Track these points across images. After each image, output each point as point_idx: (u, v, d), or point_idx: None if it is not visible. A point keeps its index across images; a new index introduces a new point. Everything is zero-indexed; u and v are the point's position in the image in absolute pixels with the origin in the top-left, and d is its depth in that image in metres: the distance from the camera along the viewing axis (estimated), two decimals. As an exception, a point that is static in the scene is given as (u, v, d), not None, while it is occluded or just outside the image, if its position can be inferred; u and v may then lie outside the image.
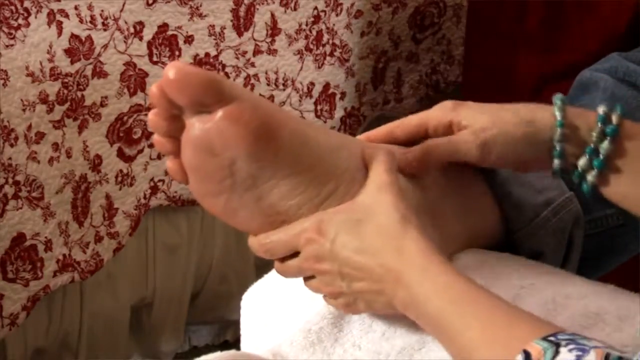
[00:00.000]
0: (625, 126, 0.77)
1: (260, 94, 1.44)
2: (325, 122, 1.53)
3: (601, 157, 0.76)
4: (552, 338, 0.60)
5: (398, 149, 0.80)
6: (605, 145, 0.76)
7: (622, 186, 0.77)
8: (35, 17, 1.21)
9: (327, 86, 1.52)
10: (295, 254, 0.76)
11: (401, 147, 0.81)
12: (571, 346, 0.59)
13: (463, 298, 0.67)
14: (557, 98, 0.78)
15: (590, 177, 0.77)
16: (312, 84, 1.50)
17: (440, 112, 0.81)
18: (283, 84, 1.47)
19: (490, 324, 0.65)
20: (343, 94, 1.55)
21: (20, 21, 1.20)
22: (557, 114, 0.77)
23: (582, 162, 0.78)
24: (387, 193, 0.73)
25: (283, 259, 0.77)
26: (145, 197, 1.40)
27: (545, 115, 0.78)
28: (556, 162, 0.78)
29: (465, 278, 0.69)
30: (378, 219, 0.72)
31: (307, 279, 0.77)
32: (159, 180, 1.41)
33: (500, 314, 0.65)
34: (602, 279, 0.84)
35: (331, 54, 1.51)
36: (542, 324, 0.64)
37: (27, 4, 1.20)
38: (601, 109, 0.77)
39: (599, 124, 0.76)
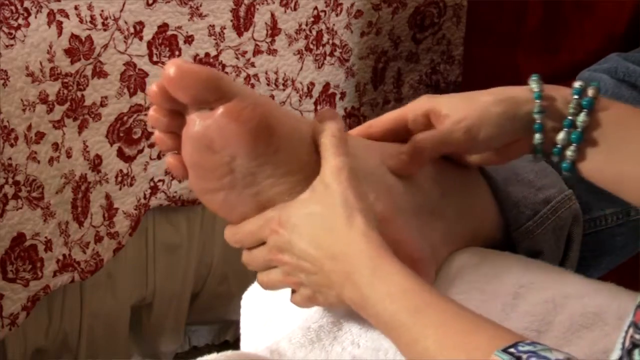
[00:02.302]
0: (601, 101, 0.77)
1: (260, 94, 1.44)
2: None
3: (578, 129, 0.76)
4: (512, 350, 0.59)
5: (390, 150, 0.80)
6: (581, 117, 0.76)
7: (599, 160, 0.77)
8: (35, 17, 1.21)
9: (327, 86, 1.52)
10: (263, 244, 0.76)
11: (394, 145, 0.81)
12: (533, 359, 0.59)
13: (418, 303, 0.66)
14: (534, 75, 0.79)
15: (569, 152, 0.77)
16: (312, 84, 1.50)
17: (417, 104, 0.81)
18: (283, 84, 1.47)
19: (447, 332, 0.64)
20: (343, 94, 1.55)
21: (20, 21, 1.20)
22: (535, 87, 0.78)
23: (560, 136, 0.77)
24: (337, 182, 0.72)
25: (250, 249, 0.77)
26: (145, 197, 1.40)
27: (522, 91, 0.78)
28: (537, 136, 0.78)
29: (419, 280, 0.67)
30: (327, 212, 0.71)
31: (265, 273, 0.77)
32: (159, 180, 1.41)
33: (457, 321, 0.64)
34: (602, 278, 0.84)
35: (331, 54, 1.51)
36: (501, 332, 0.63)
37: (27, 4, 1.20)
38: (577, 83, 0.77)
39: (575, 96, 0.77)
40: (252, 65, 1.43)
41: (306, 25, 1.46)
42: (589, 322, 0.76)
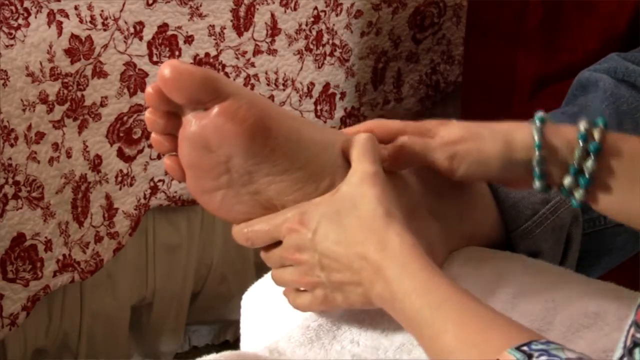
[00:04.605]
0: (608, 140, 0.74)
1: (260, 94, 1.44)
2: (325, 122, 1.54)
3: (587, 175, 0.74)
4: (525, 348, 0.60)
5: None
6: (589, 164, 0.74)
7: (613, 202, 0.75)
8: (35, 17, 1.21)
9: (327, 86, 1.52)
10: (278, 243, 0.76)
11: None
12: (543, 357, 0.59)
13: (441, 300, 0.66)
14: (537, 118, 0.76)
15: (578, 194, 0.75)
16: (312, 84, 1.50)
17: (422, 124, 0.80)
18: (283, 84, 1.47)
19: (465, 329, 0.64)
20: (343, 94, 1.55)
21: (20, 21, 1.20)
22: (535, 136, 0.75)
23: (567, 181, 0.75)
24: (370, 185, 0.73)
25: (267, 248, 0.77)
26: (145, 197, 1.40)
27: (523, 136, 0.76)
28: (537, 183, 0.76)
29: (445, 278, 0.68)
30: (361, 211, 0.72)
31: (280, 271, 0.77)
32: (159, 180, 1.41)
33: (476, 318, 0.65)
34: (602, 278, 0.84)
35: (331, 54, 1.51)
36: (517, 330, 0.63)
37: (27, 4, 1.20)
38: (582, 126, 0.74)
39: (580, 142, 0.74)
40: (252, 65, 1.43)
41: (306, 25, 1.46)
42: (589, 322, 0.76)
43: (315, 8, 1.46)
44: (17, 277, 1.28)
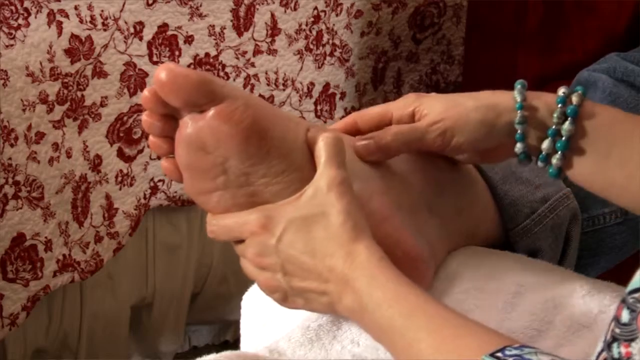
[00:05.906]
0: (585, 107, 0.76)
1: (260, 94, 1.44)
2: (325, 122, 1.54)
3: (564, 138, 0.76)
4: (499, 354, 0.60)
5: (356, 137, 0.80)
6: (566, 126, 0.75)
7: (587, 167, 0.76)
8: (35, 17, 1.21)
9: (327, 86, 1.52)
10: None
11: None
12: None
13: (413, 309, 0.67)
14: (518, 83, 0.78)
15: (555, 159, 0.77)
16: (312, 84, 1.50)
17: (403, 103, 0.80)
18: (283, 84, 1.47)
19: (439, 337, 0.65)
20: (343, 94, 1.55)
21: (20, 21, 1.20)
22: (517, 97, 0.77)
23: (545, 144, 0.77)
24: (339, 194, 0.72)
25: (237, 242, 0.77)
26: (145, 197, 1.40)
27: (506, 99, 0.78)
28: (518, 145, 0.78)
29: (415, 287, 0.68)
30: (330, 222, 0.72)
31: (242, 261, 0.77)
32: (159, 180, 1.41)
33: (449, 325, 0.65)
34: (602, 278, 0.84)
35: (331, 54, 1.51)
36: (490, 336, 0.64)
37: (27, 4, 1.20)
38: (561, 90, 0.76)
39: (559, 105, 0.76)
40: (252, 65, 1.43)
41: (306, 25, 1.46)
42: (589, 322, 0.77)
43: (315, 8, 1.46)
44: (17, 277, 1.28)
